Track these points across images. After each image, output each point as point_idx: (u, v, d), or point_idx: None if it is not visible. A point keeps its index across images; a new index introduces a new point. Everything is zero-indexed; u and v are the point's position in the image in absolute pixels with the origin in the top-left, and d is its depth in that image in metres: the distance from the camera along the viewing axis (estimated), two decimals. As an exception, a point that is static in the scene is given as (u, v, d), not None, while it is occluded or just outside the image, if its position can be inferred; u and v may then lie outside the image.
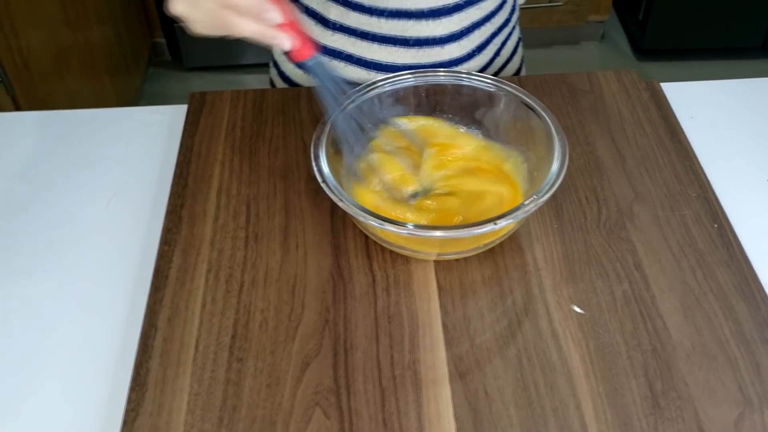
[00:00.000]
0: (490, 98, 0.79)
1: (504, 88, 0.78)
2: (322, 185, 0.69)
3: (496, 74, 1.02)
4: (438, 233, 0.66)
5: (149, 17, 2.59)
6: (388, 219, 0.66)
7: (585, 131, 0.89)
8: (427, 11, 0.90)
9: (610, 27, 2.87)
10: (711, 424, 0.62)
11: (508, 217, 0.66)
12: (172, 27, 2.53)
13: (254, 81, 2.62)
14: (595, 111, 0.91)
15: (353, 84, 0.78)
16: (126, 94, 2.37)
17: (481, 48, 0.96)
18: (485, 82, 0.79)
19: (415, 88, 0.81)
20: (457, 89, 0.80)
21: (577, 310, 0.70)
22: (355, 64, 0.96)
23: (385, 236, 0.71)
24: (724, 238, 0.77)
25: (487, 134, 0.82)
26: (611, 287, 0.73)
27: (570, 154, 0.85)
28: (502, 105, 0.79)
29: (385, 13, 0.90)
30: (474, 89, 0.80)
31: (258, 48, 0.67)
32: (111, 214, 0.84)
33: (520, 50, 1.07)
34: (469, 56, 0.95)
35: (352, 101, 0.76)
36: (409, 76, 0.80)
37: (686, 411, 0.63)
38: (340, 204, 0.68)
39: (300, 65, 0.70)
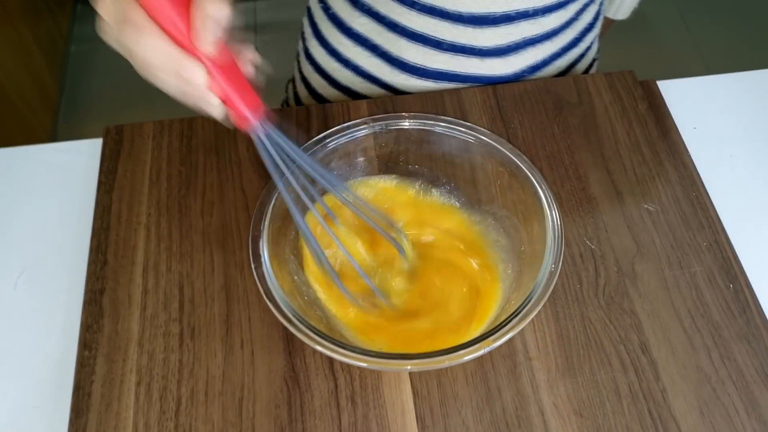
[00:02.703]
0: (466, 151, 0.65)
1: (484, 141, 0.64)
2: (270, 305, 0.56)
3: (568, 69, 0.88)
4: (410, 366, 0.54)
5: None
6: (348, 346, 0.54)
7: (575, 161, 0.75)
8: (467, 16, 0.75)
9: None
10: None
11: (500, 333, 0.54)
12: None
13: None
14: (585, 131, 0.78)
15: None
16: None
17: (535, 68, 0.81)
18: (459, 131, 0.65)
19: (374, 138, 0.66)
20: (425, 138, 0.66)
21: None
22: (380, 57, 0.81)
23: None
24: (740, 301, 0.66)
25: (461, 197, 0.68)
26: (615, 380, 0.62)
27: (559, 193, 0.73)
28: (480, 162, 0.65)
29: (417, 6, 0.75)
30: (446, 139, 0.65)
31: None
32: (20, 297, 0.70)
33: (594, 69, 0.92)
34: (518, 76, 0.81)
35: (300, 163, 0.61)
36: (363, 125, 0.66)
37: None
38: (290, 328, 0.55)
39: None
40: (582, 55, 0.87)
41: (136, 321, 0.66)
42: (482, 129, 0.65)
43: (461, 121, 0.65)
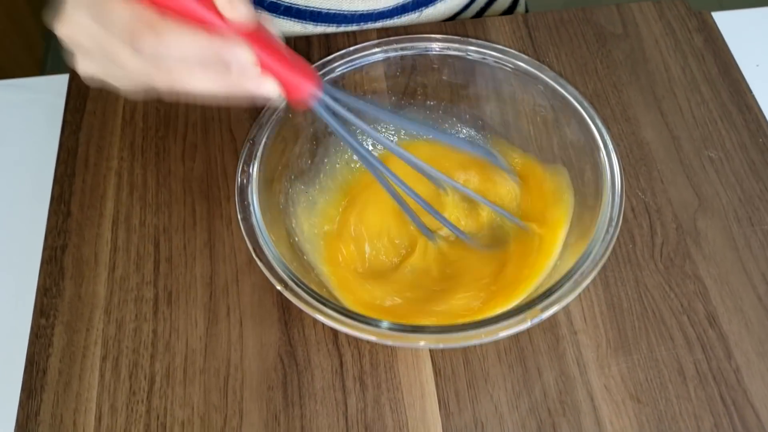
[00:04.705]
0: (498, 81, 0.54)
1: (525, 69, 0.53)
2: (261, 265, 0.45)
3: (481, 13, 0.76)
4: (425, 342, 0.43)
5: None
6: (356, 315, 0.43)
7: (622, 101, 0.64)
8: None
9: None
10: None
11: (547, 303, 0.43)
12: None
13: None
14: (633, 67, 0.67)
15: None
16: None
17: None
18: (489, 55, 0.54)
19: (387, 65, 0.55)
20: (448, 65, 0.55)
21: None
22: (284, 14, 0.69)
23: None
24: (825, 264, 0.55)
25: (496, 133, 0.57)
26: (678, 358, 0.51)
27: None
28: (517, 94, 0.54)
29: None
30: (472, 66, 0.54)
31: None
32: (-32, 254, 0.60)
33: None
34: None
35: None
36: (376, 48, 0.54)
37: None
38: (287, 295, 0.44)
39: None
40: None
41: (102, 284, 0.55)
42: (521, 54, 0.53)
43: (495, 45, 0.53)
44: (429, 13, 0.71)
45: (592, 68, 0.66)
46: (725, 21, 0.72)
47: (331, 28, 0.70)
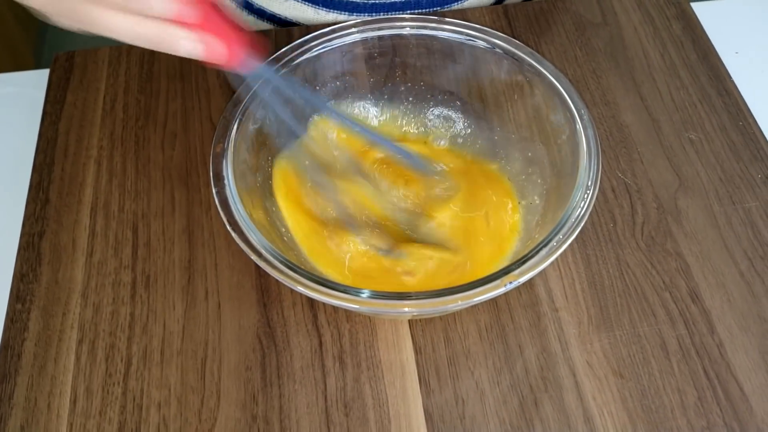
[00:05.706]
0: (475, 59, 0.54)
1: (501, 46, 0.53)
2: (236, 239, 0.45)
3: None
4: (410, 308, 0.42)
5: None
6: (334, 284, 0.43)
7: (602, 86, 0.64)
8: None
9: None
10: None
11: (524, 268, 0.42)
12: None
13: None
14: (612, 54, 0.67)
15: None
16: None
17: None
18: (465, 33, 0.54)
19: (364, 45, 0.55)
20: (425, 45, 0.55)
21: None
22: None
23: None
24: (807, 240, 0.55)
25: (474, 112, 0.57)
26: (661, 333, 0.51)
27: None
28: (495, 72, 0.54)
29: None
30: (449, 45, 0.54)
31: None
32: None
33: None
34: None
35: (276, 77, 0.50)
36: (353, 29, 0.54)
37: None
38: (260, 264, 0.44)
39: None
40: None
41: (80, 268, 0.55)
42: (496, 32, 0.53)
43: (470, 24, 0.54)
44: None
45: (571, 56, 0.67)
46: (704, 11, 0.72)
47: (342, 17, 0.70)
